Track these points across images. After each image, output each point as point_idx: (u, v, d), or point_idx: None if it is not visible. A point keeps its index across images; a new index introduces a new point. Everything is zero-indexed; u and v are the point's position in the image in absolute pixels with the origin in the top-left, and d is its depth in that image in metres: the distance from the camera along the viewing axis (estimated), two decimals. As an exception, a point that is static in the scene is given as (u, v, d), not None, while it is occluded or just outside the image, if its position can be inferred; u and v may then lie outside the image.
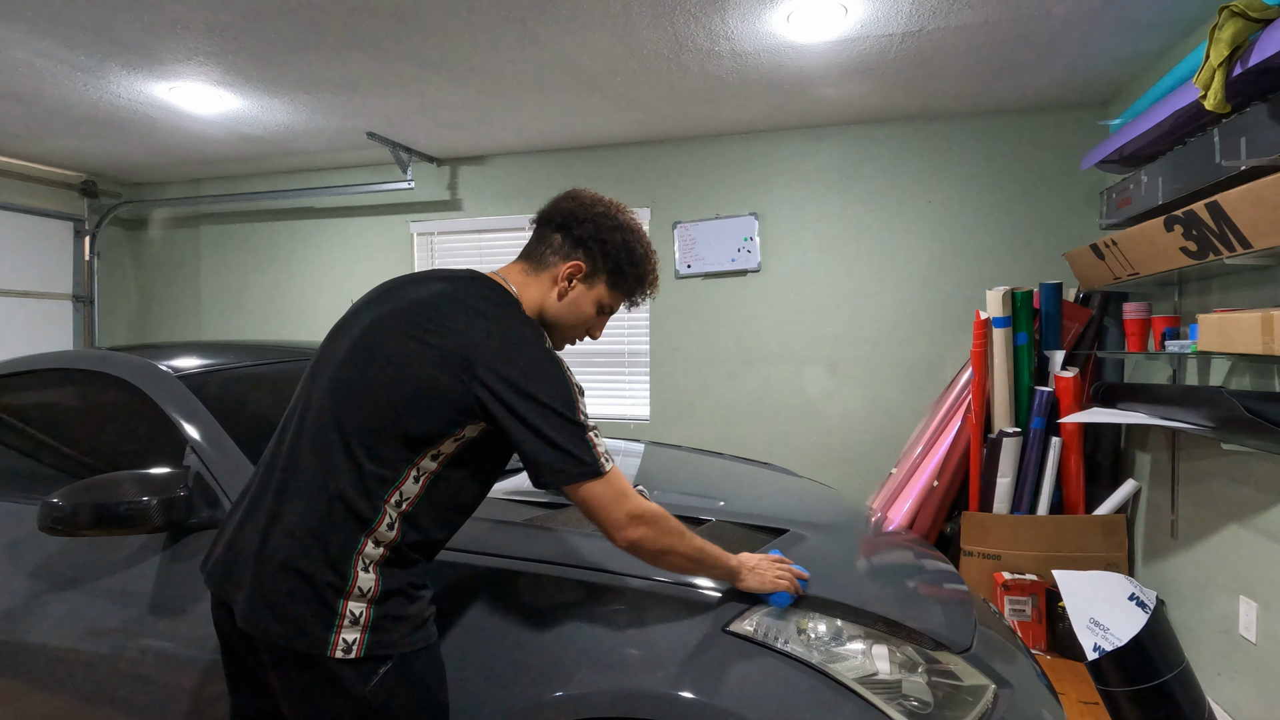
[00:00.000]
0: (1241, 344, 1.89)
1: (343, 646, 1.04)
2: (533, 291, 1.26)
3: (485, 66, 2.89)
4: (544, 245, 1.27)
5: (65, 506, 1.39)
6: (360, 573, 1.07)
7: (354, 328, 1.18)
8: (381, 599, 1.08)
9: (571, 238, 1.26)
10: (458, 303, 1.15)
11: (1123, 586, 2.48)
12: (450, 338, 1.11)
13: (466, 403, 1.09)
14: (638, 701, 1.13)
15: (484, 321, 1.13)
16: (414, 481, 1.10)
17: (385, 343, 1.13)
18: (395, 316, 1.15)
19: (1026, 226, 3.45)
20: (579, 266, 1.25)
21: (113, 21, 2.49)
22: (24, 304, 4.41)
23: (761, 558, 1.32)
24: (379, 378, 1.10)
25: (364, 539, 1.07)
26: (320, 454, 1.10)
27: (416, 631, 1.10)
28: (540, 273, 1.26)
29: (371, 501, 1.08)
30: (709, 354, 3.90)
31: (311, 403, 1.15)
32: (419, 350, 1.10)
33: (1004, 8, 2.40)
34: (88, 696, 1.52)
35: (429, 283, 1.21)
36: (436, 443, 1.10)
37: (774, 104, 3.35)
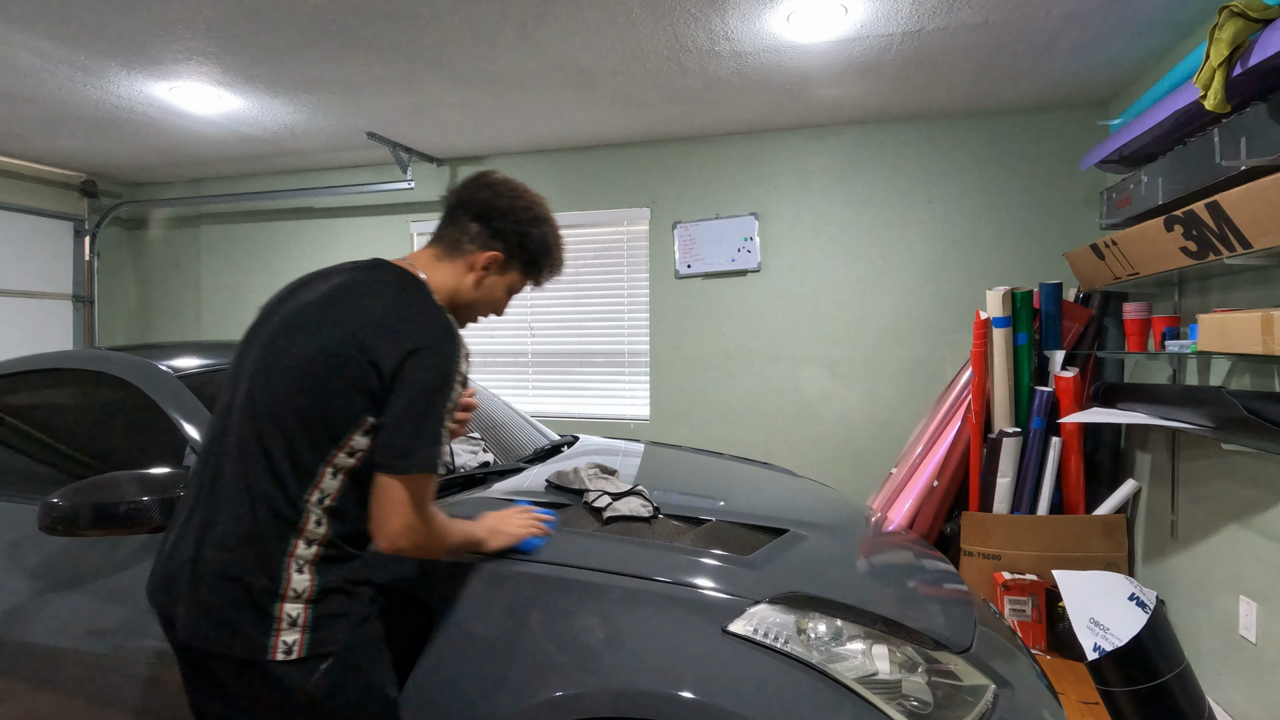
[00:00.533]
0: (1241, 344, 1.89)
1: (283, 649, 1.05)
2: (445, 276, 1.27)
3: (485, 66, 2.89)
4: (459, 232, 1.28)
5: (65, 506, 1.39)
6: (294, 574, 1.07)
7: (261, 333, 1.19)
8: (318, 599, 1.08)
9: (490, 229, 1.28)
10: (357, 290, 1.17)
11: (1123, 586, 2.48)
12: (346, 322, 1.12)
13: (366, 383, 1.09)
14: (638, 701, 1.13)
15: (380, 301, 1.14)
16: (332, 478, 1.11)
17: (289, 342, 1.13)
18: (297, 315, 1.16)
19: (1026, 226, 3.45)
20: (497, 257, 1.28)
21: (113, 21, 2.49)
22: (24, 304, 4.41)
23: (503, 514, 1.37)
24: (285, 377, 1.11)
25: (293, 540, 1.08)
26: (243, 461, 1.10)
27: (357, 628, 1.11)
28: (455, 259, 1.28)
29: (293, 502, 1.08)
30: (709, 354, 3.90)
31: (232, 411, 1.15)
32: (317, 341, 1.11)
33: (1004, 8, 2.40)
34: (88, 696, 1.52)
35: (332, 277, 1.22)
36: (347, 433, 1.10)
37: (774, 104, 3.35)
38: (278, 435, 1.09)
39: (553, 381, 4.21)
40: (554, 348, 4.20)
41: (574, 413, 4.16)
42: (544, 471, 1.92)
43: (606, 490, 1.69)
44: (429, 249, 1.30)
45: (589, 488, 1.72)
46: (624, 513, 1.57)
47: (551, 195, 4.11)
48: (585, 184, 4.05)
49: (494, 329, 4.31)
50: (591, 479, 1.77)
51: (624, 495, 1.67)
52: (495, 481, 1.81)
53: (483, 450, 2.04)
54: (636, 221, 4.01)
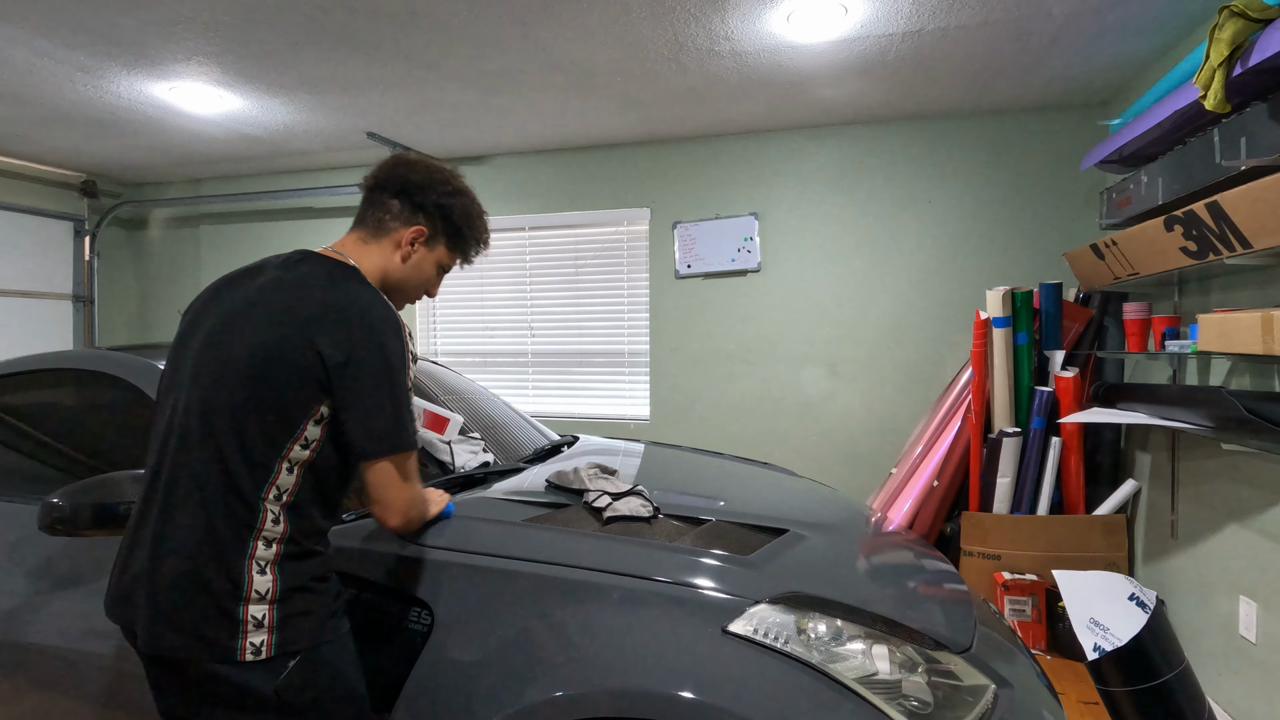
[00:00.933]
0: (1241, 344, 1.89)
1: (251, 650, 1.05)
2: (373, 258, 1.28)
3: (485, 66, 2.89)
4: (381, 211, 1.29)
5: (65, 506, 1.39)
6: (255, 575, 1.07)
7: (196, 335, 1.18)
8: (283, 598, 1.08)
9: (411, 203, 1.29)
10: (291, 284, 1.17)
11: (1123, 586, 2.48)
12: (288, 315, 1.12)
13: (313, 373, 1.10)
14: (638, 701, 1.13)
15: (318, 292, 1.15)
16: (288, 473, 1.11)
17: (230, 340, 1.13)
18: (234, 313, 1.15)
19: (1026, 226, 3.45)
20: (422, 231, 1.30)
21: (113, 21, 2.49)
22: (24, 304, 4.41)
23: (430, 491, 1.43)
24: (231, 376, 1.10)
25: (253, 541, 1.08)
26: (194, 466, 1.09)
27: (324, 624, 1.11)
28: (380, 238, 1.29)
29: (248, 501, 1.08)
30: (709, 354, 3.90)
31: (175, 418, 1.14)
32: (260, 336, 1.11)
33: (1004, 8, 2.40)
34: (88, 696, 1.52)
35: (261, 273, 1.21)
36: (299, 426, 1.10)
37: (774, 104, 3.35)
38: (229, 434, 1.09)
39: (553, 381, 4.21)
40: (554, 348, 4.20)
41: (574, 413, 4.16)
42: (544, 471, 1.92)
43: (606, 490, 1.69)
44: (352, 234, 1.31)
45: (589, 488, 1.72)
46: (624, 513, 1.57)
47: (551, 195, 4.11)
48: (585, 184, 4.05)
49: (494, 329, 4.31)
50: (591, 479, 1.77)
51: (624, 495, 1.67)
52: (495, 481, 1.81)
53: (483, 450, 2.04)
54: (636, 221, 4.01)
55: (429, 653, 1.27)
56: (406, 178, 1.30)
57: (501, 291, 4.29)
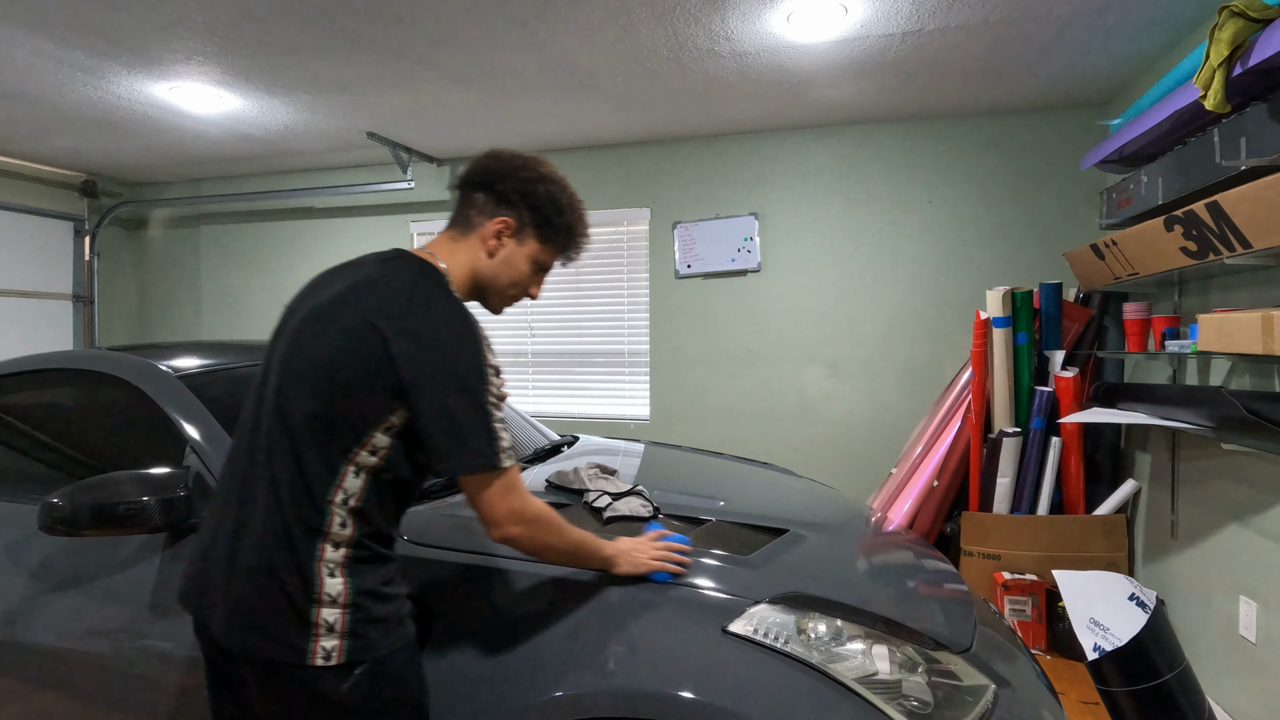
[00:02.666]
0: (1241, 344, 1.89)
1: (322, 654, 1.04)
2: (461, 257, 1.24)
3: (485, 66, 2.89)
4: (469, 208, 1.25)
5: (65, 506, 1.39)
6: (326, 578, 1.06)
7: (287, 330, 1.17)
8: (354, 603, 1.07)
9: (495, 194, 1.24)
10: (374, 282, 1.14)
11: (1123, 586, 2.48)
12: (363, 316, 1.10)
13: (386, 380, 1.07)
14: (638, 701, 1.13)
15: (398, 295, 1.12)
16: (354, 476, 1.08)
17: (311, 340, 1.12)
18: (319, 312, 1.14)
19: (1026, 226, 3.45)
20: (507, 222, 1.24)
21: (113, 21, 2.49)
22: (24, 304, 4.41)
23: (637, 541, 1.34)
24: (309, 373, 1.09)
25: (320, 543, 1.06)
26: (272, 460, 1.09)
27: (393, 633, 1.10)
28: (468, 235, 1.25)
29: (316, 503, 1.07)
30: (709, 354, 3.90)
31: (262, 407, 1.14)
32: (337, 337, 1.09)
33: (1004, 8, 2.40)
34: (88, 696, 1.52)
35: (353, 271, 1.19)
36: (369, 432, 1.08)
37: (774, 104, 3.35)
38: (304, 433, 1.08)
39: (553, 381, 4.21)
40: (554, 348, 4.20)
41: (574, 413, 4.16)
42: (544, 471, 1.92)
43: (606, 490, 1.69)
44: (445, 234, 1.27)
45: (589, 488, 1.72)
46: (624, 513, 1.57)
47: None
48: (585, 184, 4.05)
49: (494, 329, 4.31)
50: (591, 479, 1.77)
51: (624, 495, 1.67)
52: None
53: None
54: (636, 221, 4.01)
55: (429, 653, 1.26)
56: (488, 168, 1.25)
57: (501, 291, 4.29)
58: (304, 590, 1.05)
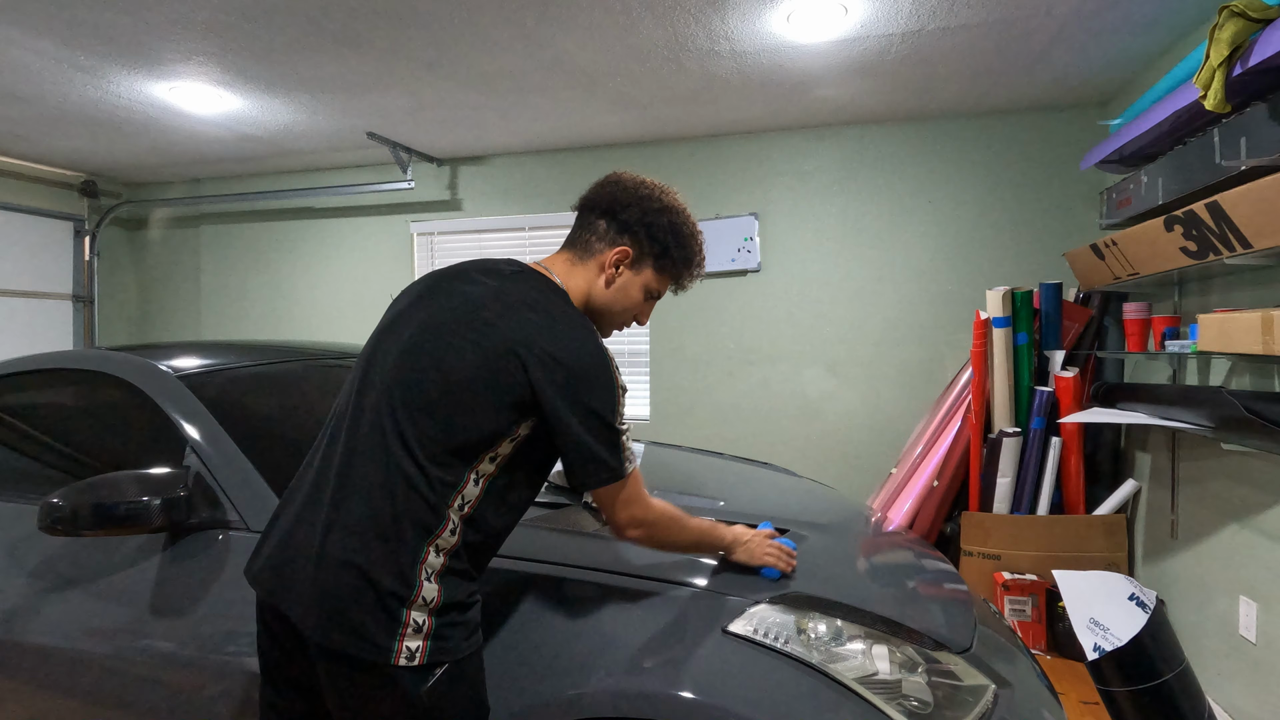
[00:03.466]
0: (1241, 344, 1.89)
1: (406, 654, 1.04)
2: (578, 280, 1.25)
3: (485, 66, 2.89)
4: (589, 232, 1.26)
5: (65, 506, 1.39)
6: (425, 583, 1.06)
7: (403, 330, 1.16)
8: (443, 610, 1.07)
9: (617, 223, 1.25)
10: (507, 299, 1.14)
11: (1123, 586, 2.48)
12: (502, 335, 1.10)
13: (521, 399, 1.09)
14: (638, 701, 1.13)
15: (535, 316, 1.13)
16: (474, 484, 1.10)
17: (438, 346, 1.11)
18: (445, 318, 1.14)
19: (1026, 226, 3.45)
20: (626, 252, 1.24)
21: (113, 21, 2.49)
22: (24, 304, 4.41)
23: (754, 533, 1.38)
24: (435, 383, 1.09)
25: (427, 547, 1.06)
26: (380, 461, 1.08)
27: (471, 637, 1.11)
28: (587, 261, 1.25)
29: (435, 508, 1.07)
30: (709, 354, 3.90)
31: (365, 407, 1.13)
32: (472, 352, 1.10)
33: (1004, 8, 2.40)
34: (88, 696, 1.52)
35: (475, 279, 1.19)
36: (495, 444, 1.10)
37: (774, 104, 3.35)
38: (425, 439, 1.07)
39: (553, 381, 4.20)
40: (554, 348, 4.19)
41: (574, 413, 4.15)
42: (544, 471, 1.92)
43: (606, 490, 1.69)
44: (563, 254, 1.28)
45: (589, 488, 1.72)
46: (624, 513, 1.57)
47: (551, 195, 4.11)
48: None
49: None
50: (591, 479, 1.77)
51: (624, 495, 1.67)
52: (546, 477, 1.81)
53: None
54: (636, 221, 4.01)
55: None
56: (614, 197, 1.26)
57: (501, 291, 4.29)
58: (401, 590, 1.04)
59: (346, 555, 1.05)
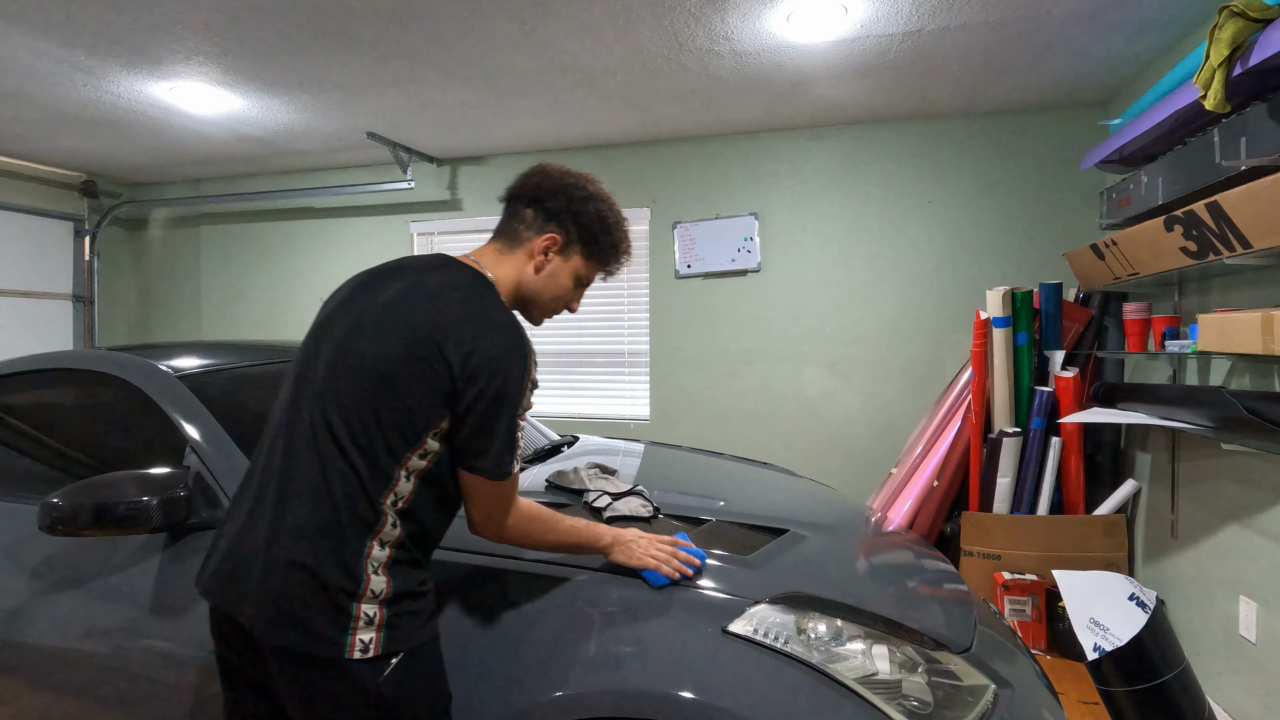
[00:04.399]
0: (1241, 344, 1.89)
1: (360, 647, 1.05)
2: (508, 270, 1.27)
3: (485, 66, 2.89)
4: (517, 221, 1.29)
5: (65, 506, 1.39)
6: (371, 575, 1.08)
7: (334, 329, 1.18)
8: (393, 601, 1.09)
9: (544, 211, 1.27)
10: (429, 290, 1.17)
11: (1123, 586, 2.48)
12: (423, 326, 1.12)
13: (443, 388, 1.10)
14: (638, 701, 1.13)
15: (456, 306, 1.15)
16: (406, 480, 1.11)
17: (364, 342, 1.13)
18: (372, 314, 1.15)
19: (1026, 226, 3.45)
20: (555, 239, 1.27)
21: (113, 21, 2.49)
22: (24, 304, 4.41)
23: (641, 535, 1.35)
24: (363, 380, 1.11)
25: (370, 542, 1.09)
26: (318, 460, 1.10)
27: (425, 626, 1.13)
28: (515, 249, 1.28)
29: (372, 503, 1.09)
30: (709, 354, 3.90)
31: (301, 409, 1.15)
32: (396, 344, 1.11)
33: (1004, 8, 2.40)
34: (88, 696, 1.52)
35: (401, 274, 1.21)
36: (422, 437, 1.11)
37: (774, 104, 3.35)
38: (356, 436, 1.09)
39: (553, 381, 4.21)
40: (554, 348, 4.20)
41: (574, 413, 4.16)
42: (544, 471, 1.92)
43: (606, 490, 1.69)
44: (491, 245, 1.30)
45: (589, 488, 1.72)
46: (624, 513, 1.58)
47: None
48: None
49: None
50: (591, 479, 1.77)
51: (624, 495, 1.67)
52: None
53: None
54: (636, 221, 4.01)
55: (429, 653, 1.26)
56: (539, 185, 1.28)
57: (501, 291, 4.29)
58: (348, 585, 1.06)
59: (293, 555, 1.06)
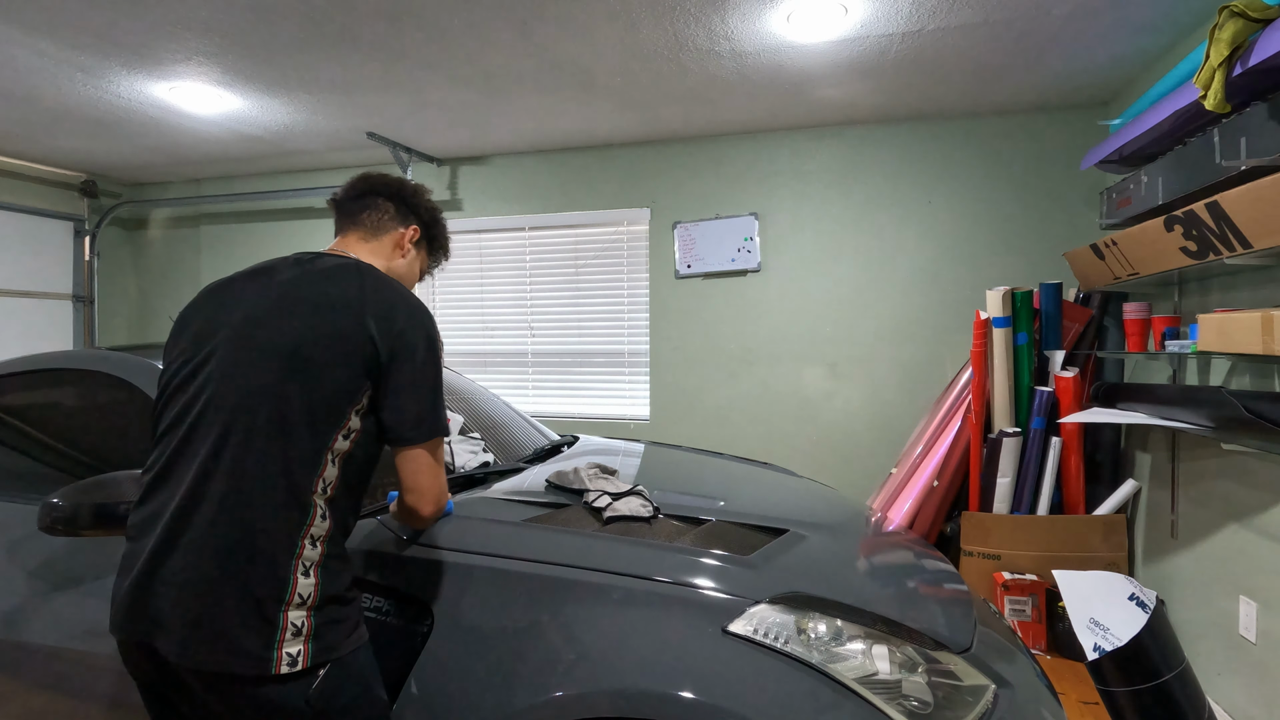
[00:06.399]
0: (1241, 344, 1.89)
1: (287, 661, 1.02)
2: (374, 257, 1.33)
3: (485, 66, 2.89)
4: (377, 213, 1.35)
5: (65, 506, 1.39)
6: (300, 578, 1.05)
7: (215, 336, 1.14)
8: (321, 605, 1.06)
9: (406, 205, 1.37)
10: (323, 276, 1.18)
11: (1123, 586, 2.48)
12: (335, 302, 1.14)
13: (364, 357, 1.11)
14: (638, 701, 1.13)
15: (355, 281, 1.18)
16: (332, 465, 1.10)
17: (268, 334, 1.11)
18: (269, 309, 1.14)
19: (1026, 226, 3.45)
20: (417, 230, 1.38)
21: (113, 21, 2.49)
22: (24, 304, 4.41)
23: None
24: (273, 364, 1.09)
25: (301, 540, 1.06)
26: (231, 462, 1.06)
27: (353, 633, 1.11)
28: (381, 237, 1.35)
29: (300, 497, 1.06)
30: (709, 354, 3.90)
31: (200, 412, 1.10)
32: (305, 324, 1.11)
33: (1004, 8, 2.40)
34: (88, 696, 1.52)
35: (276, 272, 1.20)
36: (345, 415, 1.11)
37: (774, 104, 3.35)
38: (276, 425, 1.07)
39: (553, 381, 4.21)
40: (554, 348, 4.20)
41: (574, 413, 4.16)
42: (544, 471, 1.92)
43: (606, 490, 1.69)
44: (351, 235, 1.34)
45: (589, 488, 1.72)
46: (624, 513, 1.57)
47: (551, 195, 4.11)
48: (585, 184, 4.05)
49: (494, 329, 4.31)
50: (591, 479, 1.77)
51: (624, 495, 1.67)
52: (495, 481, 1.81)
53: (483, 450, 2.04)
54: (636, 221, 4.01)
55: (429, 653, 1.27)
56: (400, 183, 1.38)
57: (501, 291, 4.29)
58: (274, 593, 1.03)
59: (213, 570, 1.02)
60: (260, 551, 1.04)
